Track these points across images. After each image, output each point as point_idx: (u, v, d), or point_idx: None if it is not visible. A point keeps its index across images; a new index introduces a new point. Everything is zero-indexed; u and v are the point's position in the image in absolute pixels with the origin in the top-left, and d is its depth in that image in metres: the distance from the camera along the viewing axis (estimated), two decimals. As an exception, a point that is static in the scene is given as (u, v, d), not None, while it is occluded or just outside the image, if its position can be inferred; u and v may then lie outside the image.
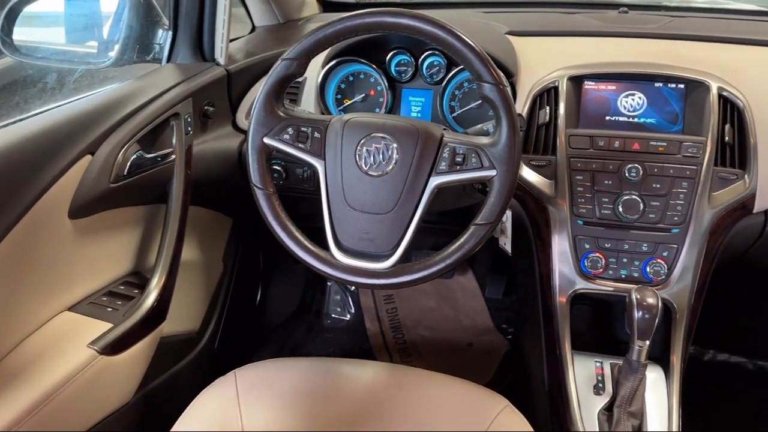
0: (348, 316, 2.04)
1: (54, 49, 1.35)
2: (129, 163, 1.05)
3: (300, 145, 0.93)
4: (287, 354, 1.89)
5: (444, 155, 0.90)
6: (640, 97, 1.16)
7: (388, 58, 1.27)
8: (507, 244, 1.29)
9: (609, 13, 1.53)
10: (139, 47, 1.28)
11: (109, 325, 1.02)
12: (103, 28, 1.34)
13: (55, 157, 0.94)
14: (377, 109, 1.31)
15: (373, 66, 1.28)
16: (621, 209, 1.10)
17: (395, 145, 0.90)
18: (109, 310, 1.07)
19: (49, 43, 1.36)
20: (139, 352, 1.08)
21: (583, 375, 1.12)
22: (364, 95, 1.31)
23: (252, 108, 0.94)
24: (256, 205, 0.95)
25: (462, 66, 1.10)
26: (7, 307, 0.92)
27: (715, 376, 1.78)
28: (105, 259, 1.11)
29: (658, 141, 1.11)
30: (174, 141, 1.14)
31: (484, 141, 0.89)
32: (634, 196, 1.10)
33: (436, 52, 1.24)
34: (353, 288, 2.05)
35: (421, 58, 1.26)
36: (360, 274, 0.91)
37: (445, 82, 1.25)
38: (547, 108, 1.16)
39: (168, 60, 1.30)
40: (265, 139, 0.93)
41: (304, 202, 1.17)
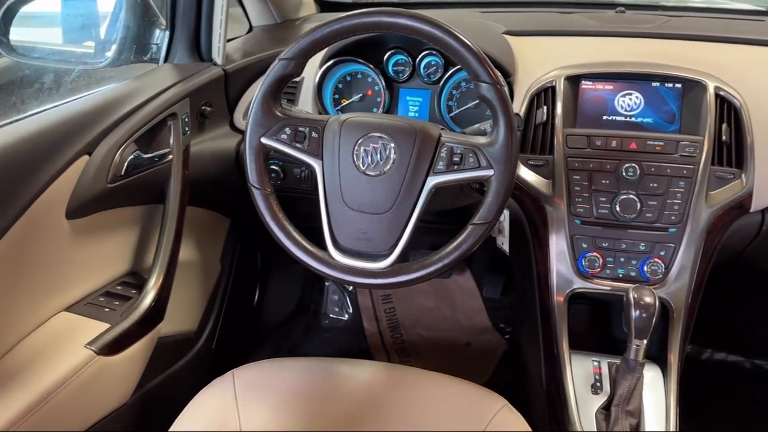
0: (346, 316, 2.04)
1: (51, 49, 1.35)
2: (126, 164, 1.05)
3: (297, 145, 0.93)
4: (285, 354, 1.89)
5: (441, 155, 0.90)
6: (637, 97, 1.16)
7: (385, 58, 1.27)
8: (505, 243, 1.29)
9: (606, 13, 1.53)
10: (136, 47, 1.28)
11: (107, 326, 1.02)
12: (100, 28, 1.34)
13: (52, 157, 0.94)
14: (375, 109, 1.31)
15: (371, 66, 1.28)
16: (618, 208, 1.10)
17: (393, 144, 0.90)
18: (106, 310, 1.06)
19: (46, 43, 1.36)
20: (136, 353, 1.08)
21: (580, 374, 1.12)
22: (361, 95, 1.31)
23: (249, 108, 0.94)
24: (253, 205, 0.95)
25: (459, 66, 1.10)
26: (4, 308, 0.92)
27: (712, 374, 1.78)
28: (102, 259, 1.11)
29: (655, 140, 1.11)
30: (171, 141, 1.14)
31: (482, 141, 0.89)
32: (631, 196, 1.10)
33: (434, 52, 1.24)
34: (351, 288, 2.04)
35: (419, 57, 1.26)
36: (358, 274, 0.91)
37: (442, 82, 1.25)
38: (545, 108, 1.16)
39: (165, 60, 1.30)
40: (263, 139, 0.93)
41: (302, 202, 1.17)
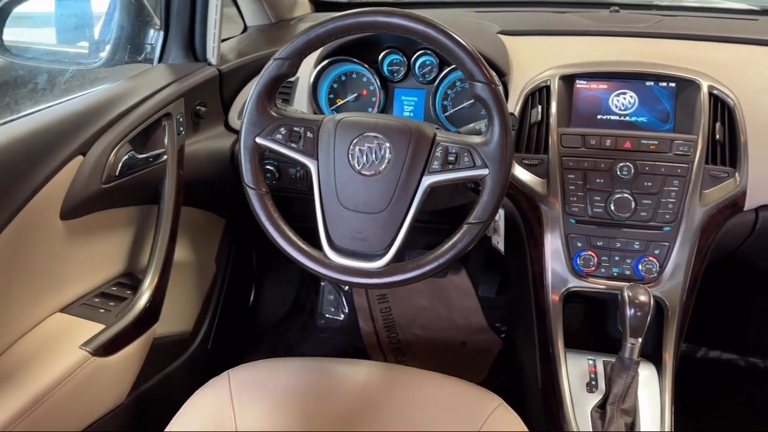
0: (342, 316, 2.04)
1: (45, 50, 1.34)
2: (121, 164, 1.05)
3: (292, 144, 0.93)
4: (281, 354, 1.89)
5: (436, 154, 0.90)
6: (631, 96, 1.17)
7: (380, 58, 1.27)
8: (500, 242, 1.29)
9: (600, 13, 1.53)
10: (131, 47, 1.27)
11: (102, 326, 1.02)
12: (94, 28, 1.34)
13: (46, 158, 0.93)
14: (370, 109, 1.31)
15: (366, 65, 1.28)
16: (613, 207, 1.10)
17: (388, 144, 0.90)
18: (101, 311, 1.06)
19: (40, 43, 1.36)
20: (132, 353, 1.08)
21: (576, 373, 1.12)
22: (356, 95, 1.31)
23: (244, 108, 0.94)
24: (248, 205, 0.94)
25: (454, 65, 1.10)
26: (-1, 309, 0.92)
27: (707, 373, 1.79)
28: (97, 260, 1.11)
29: (650, 139, 1.12)
30: (166, 141, 1.13)
31: (477, 140, 0.89)
32: (625, 195, 1.10)
33: (429, 52, 1.24)
34: (347, 288, 2.04)
35: (414, 57, 1.26)
36: (353, 274, 0.91)
37: (437, 82, 1.25)
38: (539, 107, 1.17)
39: (159, 60, 1.29)
40: (258, 139, 0.93)
41: (297, 201, 1.17)
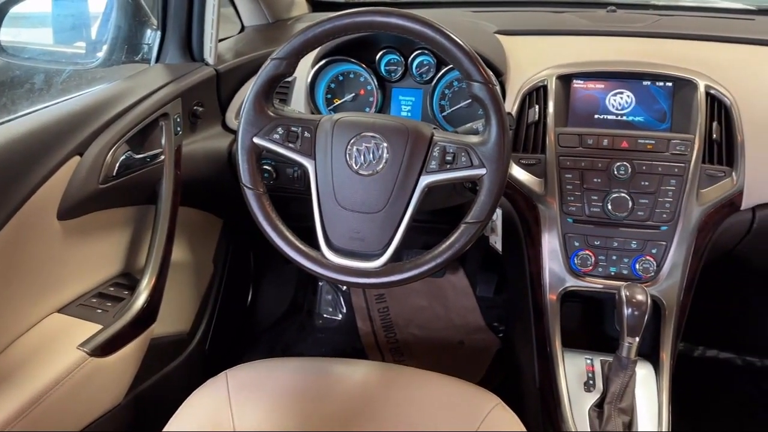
0: (340, 316, 2.04)
1: (41, 50, 1.34)
2: (118, 164, 1.04)
3: (290, 144, 0.93)
4: (279, 354, 1.89)
5: (434, 154, 0.90)
6: (628, 96, 1.17)
7: (377, 58, 1.27)
8: (497, 242, 1.29)
9: (597, 12, 1.54)
10: (128, 47, 1.27)
11: (99, 327, 1.02)
12: (91, 28, 1.34)
13: (43, 158, 0.93)
14: (367, 109, 1.31)
15: (363, 65, 1.28)
16: (610, 207, 1.10)
17: (385, 144, 0.90)
18: (98, 311, 1.06)
19: (37, 43, 1.36)
20: (129, 354, 1.07)
21: (573, 372, 1.12)
22: (354, 95, 1.31)
23: (241, 108, 0.94)
24: (246, 206, 0.94)
25: (451, 65, 1.10)
26: (-5, 310, 0.92)
27: (704, 372, 1.79)
28: (94, 260, 1.11)
29: (647, 139, 1.12)
30: (163, 141, 1.13)
31: (474, 140, 0.89)
32: (622, 194, 1.10)
33: (426, 52, 1.24)
34: (345, 288, 2.04)
35: (411, 57, 1.26)
36: (351, 274, 0.91)
37: (434, 82, 1.25)
38: (537, 107, 1.17)
39: (157, 60, 1.29)
40: (255, 139, 0.93)
41: (295, 202, 1.17)
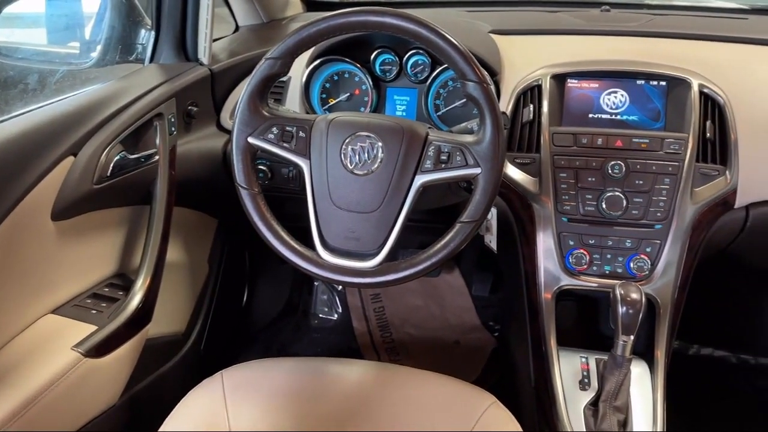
0: (335, 316, 2.04)
1: (35, 50, 1.33)
2: (112, 164, 1.04)
3: (285, 144, 0.93)
4: (274, 354, 1.89)
5: (429, 153, 0.90)
6: (622, 95, 1.17)
7: (372, 57, 1.27)
8: (492, 241, 1.30)
9: (591, 12, 1.54)
10: (122, 47, 1.27)
11: (94, 328, 1.02)
12: (85, 28, 1.33)
13: (37, 158, 0.93)
14: (362, 108, 1.31)
15: (358, 65, 1.28)
16: (604, 206, 1.11)
17: (380, 143, 0.90)
18: (93, 312, 1.06)
19: (30, 43, 1.35)
20: (124, 354, 1.07)
21: (568, 371, 1.12)
22: (348, 94, 1.31)
23: (236, 108, 0.94)
24: (241, 206, 0.94)
25: (446, 65, 1.10)
26: (-11, 311, 0.92)
27: (699, 369, 1.80)
28: (89, 260, 1.10)
29: (641, 138, 1.12)
30: (158, 141, 1.13)
31: (469, 139, 0.90)
32: (617, 193, 1.11)
33: (421, 51, 1.25)
34: (340, 287, 2.04)
35: (406, 57, 1.26)
36: (346, 273, 0.91)
37: (429, 81, 1.25)
38: (531, 106, 1.17)
39: (151, 60, 1.29)
40: (250, 139, 0.93)
41: (290, 201, 1.17)
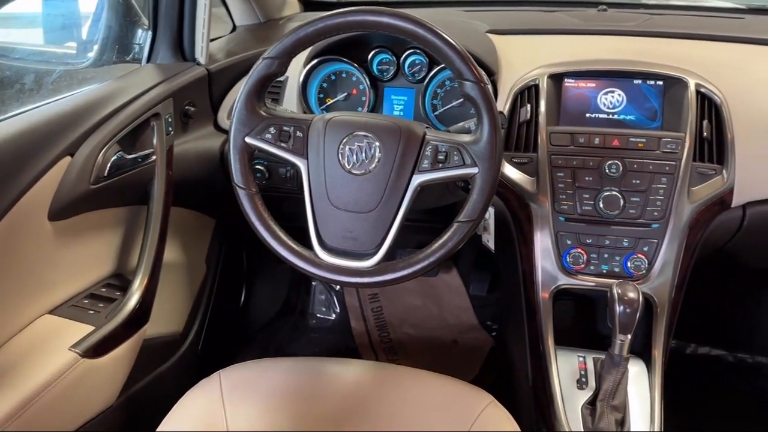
0: (333, 316, 2.04)
1: (32, 50, 1.33)
2: (109, 164, 1.04)
3: (282, 144, 0.93)
4: (272, 354, 1.89)
5: (426, 153, 0.90)
6: (619, 94, 1.17)
7: (369, 57, 1.27)
8: (490, 241, 1.30)
9: (588, 11, 1.54)
10: (119, 47, 1.27)
11: (91, 328, 1.02)
12: (82, 28, 1.33)
13: (34, 158, 0.93)
14: (360, 108, 1.31)
15: (355, 65, 1.28)
16: (602, 205, 1.11)
17: (378, 143, 0.90)
18: (90, 312, 1.06)
19: (27, 43, 1.35)
20: (122, 355, 1.07)
21: (566, 370, 1.13)
22: (346, 94, 1.31)
23: (233, 108, 0.94)
24: (238, 205, 0.94)
25: (443, 64, 1.10)
26: (-14, 311, 0.91)
27: (696, 369, 1.80)
28: (86, 261, 1.10)
29: (638, 137, 1.12)
30: (155, 141, 1.13)
31: (466, 139, 0.90)
32: (614, 192, 1.11)
33: (418, 51, 1.25)
34: (338, 287, 2.04)
35: (403, 56, 1.26)
36: (344, 273, 0.91)
37: (427, 81, 1.25)
38: (528, 106, 1.17)
39: (148, 60, 1.29)
40: (247, 139, 0.93)
41: (287, 201, 1.17)
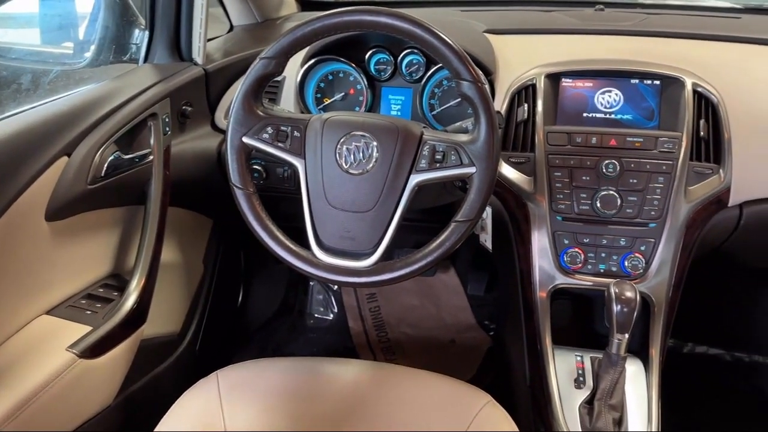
0: (331, 316, 2.04)
1: (28, 50, 1.33)
2: (106, 165, 1.04)
3: (279, 144, 0.93)
4: (270, 354, 1.89)
5: (424, 153, 0.90)
6: (616, 94, 1.18)
7: (367, 57, 1.27)
8: (487, 240, 1.30)
9: (585, 11, 1.54)
10: (116, 47, 1.27)
11: (89, 328, 1.01)
12: (79, 28, 1.33)
13: (31, 159, 0.92)
14: (357, 108, 1.31)
15: (353, 65, 1.28)
16: (599, 204, 1.11)
17: (375, 143, 0.90)
18: (88, 313, 1.05)
19: (24, 43, 1.35)
20: (119, 355, 1.07)
21: (564, 369, 1.13)
22: (343, 94, 1.31)
23: (231, 107, 0.94)
24: (236, 205, 0.94)
25: (441, 64, 1.10)
26: (-17, 312, 0.91)
27: (693, 368, 1.80)
28: (83, 261, 1.10)
29: (635, 137, 1.12)
30: (152, 141, 1.13)
31: (464, 138, 0.90)
32: (611, 192, 1.11)
33: (415, 51, 1.25)
34: (336, 287, 2.04)
35: (401, 56, 1.26)
36: (341, 273, 0.91)
37: (424, 81, 1.25)
38: (526, 105, 1.17)
39: (145, 60, 1.29)
40: (244, 139, 0.93)
41: (285, 201, 1.17)
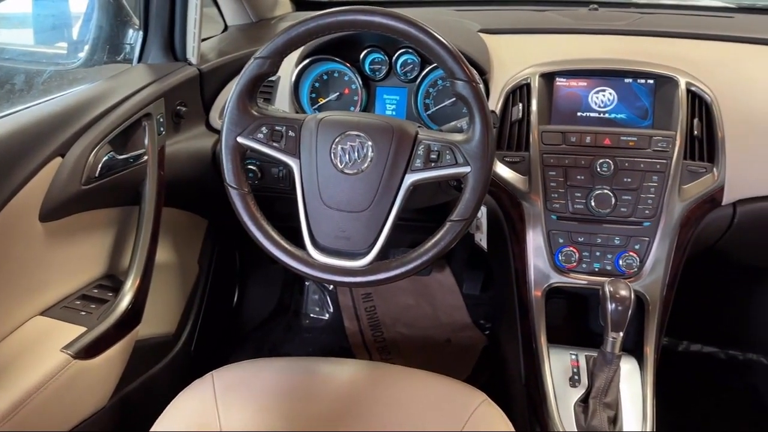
0: (327, 316, 2.04)
1: (22, 50, 1.33)
2: (100, 165, 1.04)
3: (274, 144, 0.93)
4: (265, 355, 1.88)
5: (419, 152, 0.90)
6: (610, 93, 1.18)
7: (362, 57, 1.27)
8: (483, 239, 1.30)
9: (579, 11, 1.55)
10: (110, 47, 1.26)
11: (83, 329, 1.01)
12: (73, 28, 1.32)
13: (24, 159, 0.92)
14: (352, 108, 1.31)
15: (347, 64, 1.28)
16: (593, 203, 1.11)
17: (370, 143, 0.90)
18: (82, 313, 1.05)
19: (17, 44, 1.34)
20: (114, 356, 1.07)
21: (559, 368, 1.13)
22: (338, 94, 1.31)
23: (225, 107, 0.94)
24: (231, 206, 0.94)
25: (435, 64, 1.10)
26: (-23, 313, 0.91)
27: (688, 366, 1.81)
28: (78, 262, 1.10)
29: (629, 136, 1.13)
30: (146, 142, 1.12)
31: (458, 138, 0.90)
32: (605, 191, 1.11)
33: (410, 50, 1.25)
34: (331, 287, 2.04)
35: (395, 56, 1.26)
36: (337, 273, 0.91)
37: (419, 80, 1.25)
38: (520, 105, 1.17)
39: (139, 60, 1.28)
40: (239, 139, 0.93)
41: (280, 201, 1.17)
